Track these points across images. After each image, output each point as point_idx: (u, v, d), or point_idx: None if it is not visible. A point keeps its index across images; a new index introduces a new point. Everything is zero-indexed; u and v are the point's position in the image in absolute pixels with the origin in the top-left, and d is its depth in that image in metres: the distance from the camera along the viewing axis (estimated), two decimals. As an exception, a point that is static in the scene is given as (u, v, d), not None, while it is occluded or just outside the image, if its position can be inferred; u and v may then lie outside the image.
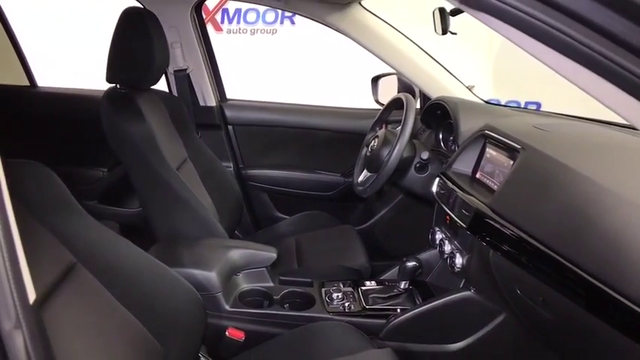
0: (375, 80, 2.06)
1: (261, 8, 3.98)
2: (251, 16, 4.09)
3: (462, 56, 1.98)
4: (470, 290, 1.29)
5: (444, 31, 1.31)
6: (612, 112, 0.58)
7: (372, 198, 2.10)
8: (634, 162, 1.05)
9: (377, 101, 2.07)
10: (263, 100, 2.23)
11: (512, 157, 1.20)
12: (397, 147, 1.48)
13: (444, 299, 1.30)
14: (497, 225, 1.09)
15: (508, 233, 1.05)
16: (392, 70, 1.94)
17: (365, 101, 2.17)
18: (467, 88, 1.90)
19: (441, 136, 1.77)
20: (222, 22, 4.04)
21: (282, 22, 4.06)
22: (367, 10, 1.79)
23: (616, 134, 1.25)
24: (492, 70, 2.93)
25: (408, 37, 1.85)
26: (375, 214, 2.10)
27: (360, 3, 1.77)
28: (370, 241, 1.92)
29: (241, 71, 2.60)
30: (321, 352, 1.16)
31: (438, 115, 1.70)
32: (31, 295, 0.50)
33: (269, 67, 3.81)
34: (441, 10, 1.29)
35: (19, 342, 0.47)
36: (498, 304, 1.24)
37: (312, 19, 1.82)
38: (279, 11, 3.91)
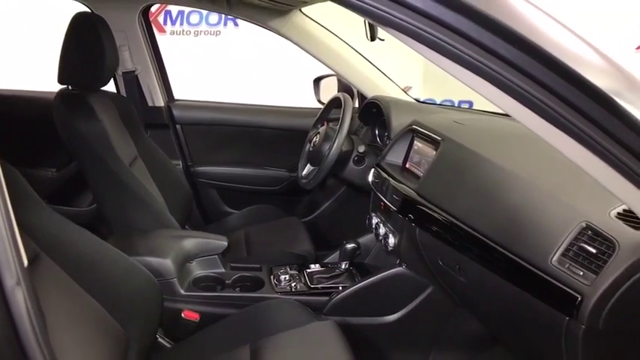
0: (317, 81, 2.20)
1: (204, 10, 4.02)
2: (194, 18, 4.12)
3: (402, 60, 2.17)
4: (402, 267, 1.46)
5: (372, 38, 1.48)
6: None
7: (316, 191, 2.24)
8: (532, 148, 1.24)
9: (319, 101, 2.21)
10: (209, 100, 2.32)
11: (435, 148, 1.38)
12: (336, 142, 1.63)
13: (380, 275, 1.46)
14: (421, 207, 1.26)
15: (430, 213, 1.23)
16: (332, 72, 2.09)
17: (306, 100, 2.31)
18: (399, 87, 2.09)
19: (376, 132, 1.94)
20: (165, 23, 4.04)
21: (225, 24, 4.12)
22: (307, 16, 1.92)
23: (519, 125, 1.46)
24: (430, 72, 3.17)
25: (345, 42, 2.00)
26: (319, 207, 2.24)
27: (300, 10, 1.91)
28: (315, 231, 2.06)
29: (186, 72, 2.66)
30: (271, 327, 1.28)
31: (374, 112, 1.87)
32: (25, 260, 0.59)
33: (213, 68, 3.85)
34: None
35: (20, 297, 0.57)
36: (426, 277, 1.42)
37: (256, 24, 1.94)
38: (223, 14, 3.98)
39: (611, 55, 0.66)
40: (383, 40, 1.45)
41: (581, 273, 0.82)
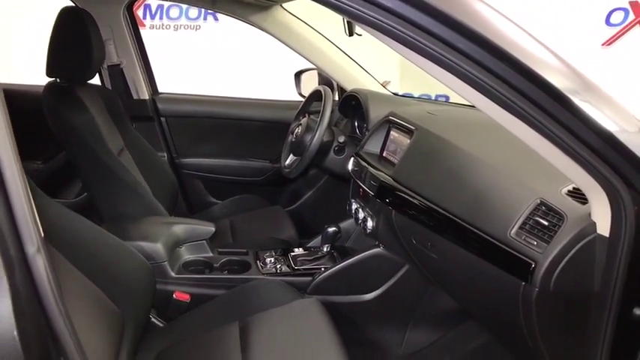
0: (298, 75, 2.28)
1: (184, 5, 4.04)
2: (174, 12, 4.13)
3: (381, 55, 2.26)
4: (379, 247, 1.56)
5: (350, 33, 1.56)
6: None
7: (298, 181, 2.33)
8: (496, 136, 1.35)
9: (300, 94, 2.29)
10: (192, 93, 2.38)
11: (409, 137, 1.48)
12: (317, 133, 1.72)
13: (359, 256, 1.56)
14: (397, 191, 1.37)
15: (405, 196, 1.33)
16: (313, 66, 2.18)
17: (286, 94, 2.39)
18: (377, 81, 2.18)
19: (356, 123, 2.03)
20: (145, 17, 4.05)
21: (205, 19, 4.15)
22: (288, 11, 2.00)
23: (485, 116, 1.57)
24: (407, 68, 3.28)
25: (326, 37, 2.09)
26: (301, 196, 2.33)
27: (281, 5, 1.99)
28: (297, 219, 2.15)
29: (166, 66, 2.70)
30: (258, 305, 1.36)
31: (353, 105, 1.96)
32: (41, 231, 0.66)
33: (193, 62, 3.88)
34: None
35: (40, 264, 0.64)
36: (402, 257, 1.52)
37: (237, 19, 2.01)
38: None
39: (567, 57, 0.77)
40: (360, 35, 1.54)
41: (535, 243, 0.93)
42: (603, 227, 0.84)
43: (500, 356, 1.47)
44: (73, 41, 1.55)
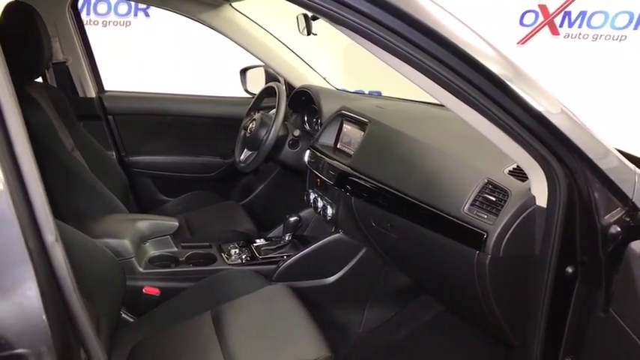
0: (244, 72, 2.34)
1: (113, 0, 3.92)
2: (102, 8, 4.00)
3: (317, 52, 2.36)
4: (339, 233, 1.67)
5: (309, 33, 1.65)
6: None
7: (249, 176, 2.39)
8: (441, 125, 1.51)
9: (246, 90, 2.35)
10: (139, 90, 2.36)
11: (363, 129, 1.60)
12: (274, 127, 1.79)
13: (320, 242, 1.66)
14: (355, 179, 1.48)
15: (364, 183, 1.45)
16: (259, 63, 2.24)
17: (219, 89, 2.43)
18: (323, 78, 2.29)
19: (305, 118, 2.13)
20: (70, 12, 3.87)
21: (135, 15, 4.04)
22: (237, 10, 2.05)
23: (429, 108, 1.72)
24: (341, 64, 3.42)
25: (273, 35, 2.16)
26: (254, 190, 2.39)
27: (230, 4, 2.03)
28: (252, 212, 2.20)
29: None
30: (228, 294, 1.41)
31: (303, 100, 2.05)
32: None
33: (125, 59, 3.77)
34: (305, 16, 1.64)
35: (58, 252, 0.67)
36: (360, 240, 1.64)
37: (187, 17, 2.03)
38: (133, 3, 3.90)
39: (500, 49, 0.91)
40: (316, 34, 1.63)
41: (485, 216, 1.07)
42: (541, 199, 1.00)
43: (452, 325, 1.63)
44: (21, 37, 1.51)
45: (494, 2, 3.56)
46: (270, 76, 2.27)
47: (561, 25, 3.59)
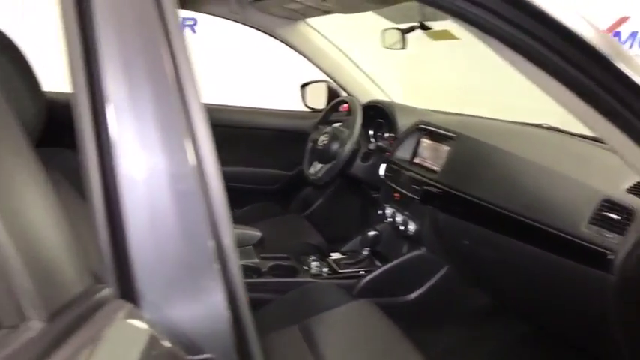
0: (304, 86, 2.36)
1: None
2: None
3: (381, 69, 2.38)
4: (420, 250, 1.65)
5: (403, 47, 1.67)
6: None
7: (310, 188, 2.39)
8: (538, 142, 1.47)
9: (306, 105, 2.37)
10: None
11: (447, 144, 1.58)
12: (350, 140, 1.79)
13: (403, 258, 1.64)
14: (444, 194, 1.46)
15: (455, 199, 1.42)
16: (321, 79, 2.26)
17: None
18: (388, 95, 2.29)
19: (372, 132, 2.12)
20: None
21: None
22: (311, 26, 2.07)
23: (516, 126, 1.69)
24: (408, 84, 3.43)
25: (342, 51, 2.18)
26: (314, 203, 2.38)
27: (305, 20, 2.06)
28: (314, 226, 2.19)
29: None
30: (314, 307, 1.40)
31: (371, 115, 2.05)
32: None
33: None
34: (401, 30, 1.66)
35: (233, 256, 0.67)
36: (444, 258, 1.61)
37: (263, 32, 2.06)
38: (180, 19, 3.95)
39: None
40: (405, 49, 1.65)
41: (610, 235, 1.04)
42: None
43: (537, 348, 1.58)
44: None
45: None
46: (332, 91, 2.28)
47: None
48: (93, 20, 0.59)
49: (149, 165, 0.61)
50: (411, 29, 1.65)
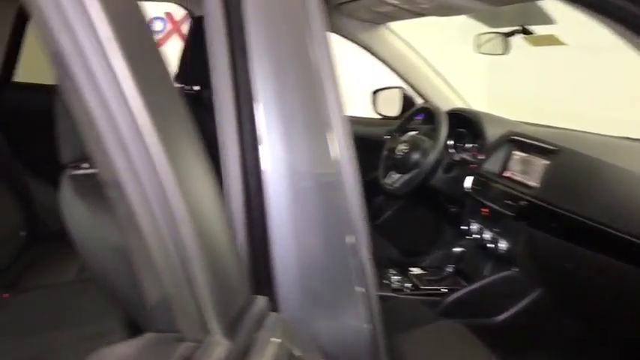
0: (376, 93, 2.29)
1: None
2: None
3: (461, 75, 2.28)
4: (510, 270, 1.53)
5: (503, 53, 1.58)
6: None
7: (381, 198, 2.30)
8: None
9: (377, 112, 2.30)
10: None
11: (547, 157, 1.46)
12: (435, 151, 1.71)
13: (492, 278, 1.53)
14: (549, 212, 1.34)
15: (560, 217, 1.30)
16: (391, 85, 2.18)
17: None
18: (465, 102, 2.19)
19: (451, 142, 2.02)
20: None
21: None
22: (392, 31, 2.01)
23: (624, 141, 1.54)
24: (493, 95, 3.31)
25: (422, 57, 2.10)
26: (385, 212, 2.30)
27: (385, 24, 2.00)
28: (385, 237, 2.11)
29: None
30: (399, 325, 1.33)
31: (452, 124, 1.96)
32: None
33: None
34: (503, 33, 1.58)
35: (369, 269, 0.61)
36: (537, 280, 1.49)
37: (343, 36, 2.01)
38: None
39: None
40: (506, 54, 1.55)
41: None
42: None
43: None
44: None
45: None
46: (407, 99, 2.20)
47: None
48: (243, 20, 0.56)
49: (292, 165, 0.58)
50: (512, 33, 1.55)
